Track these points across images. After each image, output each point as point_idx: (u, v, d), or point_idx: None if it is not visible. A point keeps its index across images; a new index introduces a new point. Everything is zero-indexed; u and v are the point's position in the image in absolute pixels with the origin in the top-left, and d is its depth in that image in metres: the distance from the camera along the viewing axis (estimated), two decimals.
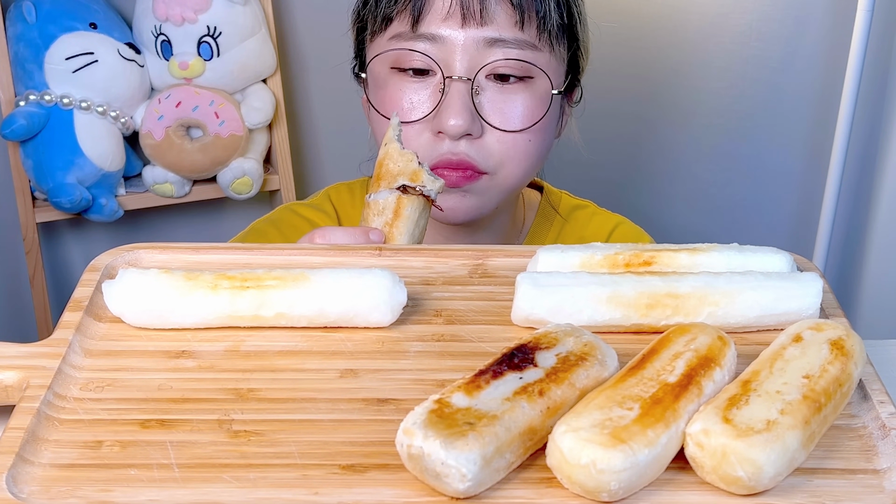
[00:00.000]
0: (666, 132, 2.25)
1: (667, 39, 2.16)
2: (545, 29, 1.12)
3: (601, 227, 1.31)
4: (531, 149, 1.15)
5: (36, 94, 1.96)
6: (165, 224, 2.25)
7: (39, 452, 0.69)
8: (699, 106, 2.20)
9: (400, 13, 1.12)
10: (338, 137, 2.27)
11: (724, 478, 0.66)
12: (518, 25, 1.11)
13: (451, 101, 1.10)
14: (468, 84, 1.10)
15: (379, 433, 0.71)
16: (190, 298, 0.81)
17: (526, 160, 1.15)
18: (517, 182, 1.17)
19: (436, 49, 1.11)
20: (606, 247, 0.89)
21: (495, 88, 1.12)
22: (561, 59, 1.16)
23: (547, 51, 1.13)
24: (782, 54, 2.11)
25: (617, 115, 2.21)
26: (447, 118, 1.10)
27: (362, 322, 0.83)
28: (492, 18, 1.10)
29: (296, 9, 2.20)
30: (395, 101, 1.14)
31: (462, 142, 1.12)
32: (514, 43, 1.11)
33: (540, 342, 0.73)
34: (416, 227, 1.03)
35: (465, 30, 1.10)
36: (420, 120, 1.13)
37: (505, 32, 1.11)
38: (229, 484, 0.66)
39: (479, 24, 1.10)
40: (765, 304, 0.82)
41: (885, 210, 2.06)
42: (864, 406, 0.76)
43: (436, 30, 1.11)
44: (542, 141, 1.16)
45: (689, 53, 2.16)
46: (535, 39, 1.12)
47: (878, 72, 2.03)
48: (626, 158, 2.28)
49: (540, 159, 1.18)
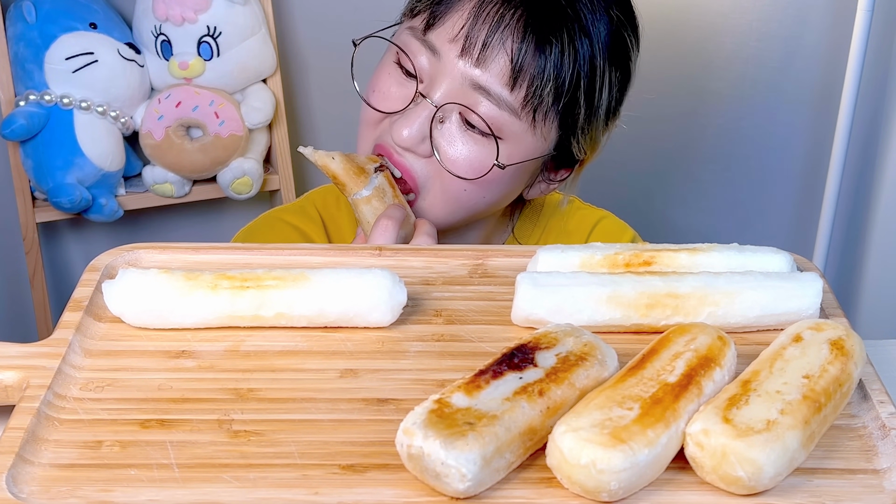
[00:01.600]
0: (665, 132, 2.25)
1: (667, 40, 2.16)
2: (531, 103, 1.09)
3: (584, 221, 1.31)
4: (463, 198, 1.13)
5: (36, 94, 1.96)
6: (165, 224, 2.25)
7: (39, 452, 0.69)
8: (699, 106, 2.20)
9: (422, 12, 1.13)
10: (338, 137, 2.27)
11: (724, 478, 0.66)
12: (509, 86, 1.08)
13: (412, 115, 1.11)
14: (433, 110, 1.10)
15: (379, 433, 0.71)
16: (190, 298, 0.81)
17: (454, 203, 1.14)
18: (440, 217, 1.14)
19: (432, 61, 1.11)
20: (606, 247, 0.89)
21: (458, 126, 1.11)
22: (541, 137, 1.12)
23: (527, 122, 1.10)
24: (782, 54, 2.11)
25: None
26: (400, 127, 1.11)
27: (362, 322, 0.83)
28: (487, 64, 1.08)
29: (296, 9, 2.19)
30: (378, 82, 1.15)
31: (407, 153, 1.12)
32: (495, 99, 1.09)
33: (540, 342, 0.73)
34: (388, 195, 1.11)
35: (459, 60, 1.09)
36: (385, 113, 1.13)
37: (493, 84, 1.08)
38: (229, 484, 0.66)
39: (474, 64, 1.09)
40: (765, 304, 0.82)
41: (885, 210, 2.06)
42: (864, 406, 0.76)
43: (439, 46, 1.10)
44: (479, 197, 1.14)
45: (689, 53, 2.16)
46: (517, 105, 1.09)
47: (878, 72, 2.03)
48: (625, 158, 2.28)
49: (469, 210, 1.15)
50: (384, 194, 1.10)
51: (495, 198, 1.16)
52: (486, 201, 1.16)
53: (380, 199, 1.09)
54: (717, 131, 2.21)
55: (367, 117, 1.16)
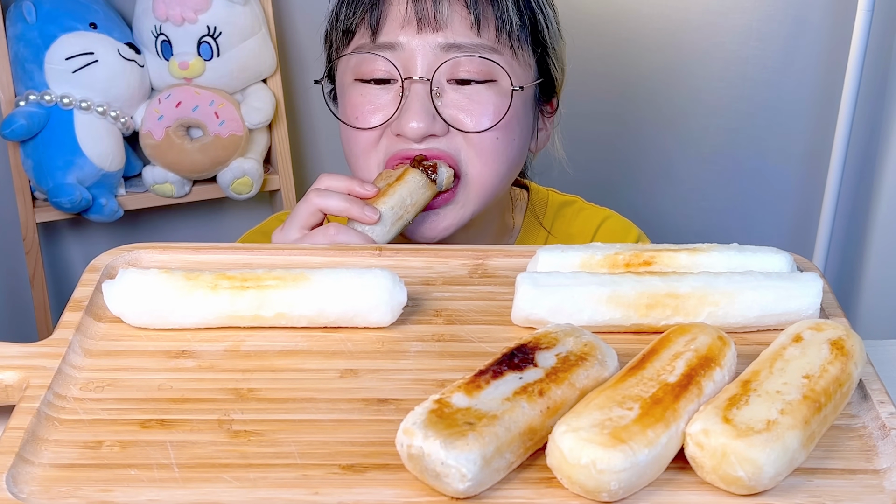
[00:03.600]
0: (666, 132, 2.25)
1: (667, 39, 2.16)
2: (503, 31, 1.11)
3: (589, 222, 1.31)
4: (499, 147, 1.13)
5: (36, 94, 1.96)
6: (165, 224, 2.25)
7: (39, 452, 0.69)
8: (699, 106, 2.20)
9: (359, 25, 1.14)
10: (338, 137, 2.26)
11: (724, 478, 0.66)
12: (474, 29, 1.10)
13: (410, 103, 1.10)
14: (427, 85, 1.10)
15: (379, 433, 0.71)
16: (190, 298, 0.81)
17: (495, 159, 1.14)
18: (489, 184, 1.15)
19: (395, 56, 1.11)
20: (606, 247, 0.89)
21: (456, 90, 1.12)
22: (525, 64, 1.15)
23: (508, 53, 1.12)
24: (782, 54, 2.11)
25: (616, 114, 2.21)
26: (407, 121, 1.10)
27: (362, 322, 0.83)
28: (447, 23, 1.10)
29: (296, 9, 2.19)
30: (356, 106, 1.14)
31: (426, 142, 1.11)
32: (470, 47, 1.10)
33: (540, 342, 0.73)
34: (410, 198, 1.07)
35: (421, 36, 1.10)
36: (381, 125, 1.12)
37: (461, 38, 1.10)
38: (229, 484, 0.66)
39: (435, 30, 1.10)
40: (765, 304, 0.82)
41: (885, 210, 2.06)
42: (864, 406, 0.76)
43: (394, 38, 1.11)
44: (510, 141, 1.14)
45: (688, 53, 2.16)
46: (493, 42, 1.11)
47: (878, 72, 2.03)
48: (626, 158, 2.28)
49: (510, 162, 1.16)
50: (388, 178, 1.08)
51: (520, 140, 1.17)
52: (516, 145, 1.16)
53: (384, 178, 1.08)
54: (717, 131, 2.21)
55: (362, 146, 1.15)
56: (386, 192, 1.06)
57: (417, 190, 1.08)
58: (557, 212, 1.31)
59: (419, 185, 1.08)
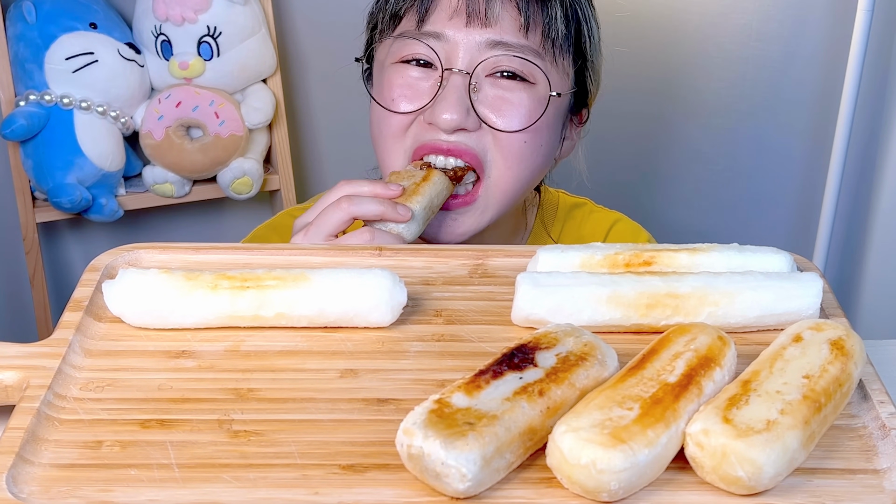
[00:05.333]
0: (666, 132, 2.25)
1: (667, 39, 2.16)
2: (549, 37, 1.12)
3: (599, 224, 1.31)
4: (526, 151, 1.13)
5: (36, 94, 1.96)
6: (165, 224, 2.25)
7: (39, 452, 0.69)
8: (699, 106, 2.20)
9: (408, 11, 1.14)
10: (338, 137, 2.27)
11: (724, 478, 0.66)
12: (522, 31, 1.11)
13: (447, 94, 1.10)
14: (466, 78, 1.10)
15: (379, 433, 0.71)
16: (190, 298, 0.81)
17: (519, 163, 1.14)
18: (510, 188, 1.15)
19: (438, 46, 1.12)
20: (606, 247, 0.89)
21: (494, 86, 1.12)
22: (564, 73, 1.16)
23: (549, 59, 1.13)
24: (782, 54, 2.11)
25: (617, 114, 2.20)
26: (441, 111, 1.10)
27: (362, 322, 0.83)
28: (496, 21, 1.10)
29: (296, 9, 2.19)
30: (393, 87, 1.14)
31: (456, 134, 1.12)
32: (516, 47, 1.11)
33: (540, 342, 0.73)
34: (437, 199, 1.08)
35: (468, 30, 1.11)
36: (414, 111, 1.13)
37: (508, 36, 1.11)
38: (229, 484, 0.66)
39: (483, 26, 1.10)
40: (765, 304, 0.82)
41: (885, 210, 2.06)
42: (864, 406, 0.76)
43: (441, 28, 1.11)
44: (538, 146, 1.15)
45: (689, 53, 2.16)
46: (538, 46, 1.12)
47: (878, 72, 2.03)
48: (625, 158, 2.28)
49: (534, 168, 1.16)
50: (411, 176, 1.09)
51: (548, 147, 1.17)
52: (542, 152, 1.16)
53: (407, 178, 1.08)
54: (717, 131, 2.21)
55: (393, 129, 1.14)
56: (416, 191, 1.07)
57: (442, 192, 1.09)
58: (568, 213, 1.32)
59: (444, 186, 1.10)
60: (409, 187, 1.07)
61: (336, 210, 1.02)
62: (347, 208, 1.02)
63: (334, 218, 1.02)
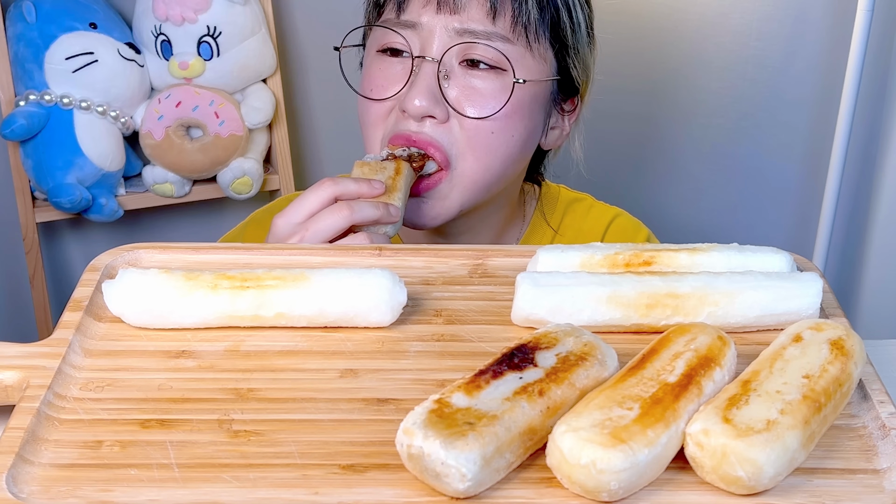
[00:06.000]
0: (666, 132, 2.25)
1: (667, 39, 2.16)
2: (519, 22, 1.12)
3: (599, 220, 1.31)
4: (494, 141, 1.13)
5: (36, 94, 1.96)
6: (165, 224, 2.25)
7: (39, 452, 0.69)
8: (699, 106, 2.20)
9: (388, 2, 1.16)
10: (338, 137, 2.27)
11: (724, 478, 0.66)
12: (490, 17, 1.11)
13: (417, 81, 1.12)
14: (435, 65, 1.12)
15: (379, 433, 0.71)
16: (190, 298, 0.81)
17: (487, 153, 1.14)
18: (480, 177, 1.15)
19: (414, 35, 1.13)
20: (606, 247, 0.89)
21: (464, 74, 1.13)
22: (541, 58, 1.15)
23: (521, 44, 1.13)
24: (782, 54, 2.11)
25: (617, 114, 2.21)
26: (411, 98, 1.11)
27: (362, 322, 0.83)
28: (463, 8, 1.11)
29: (296, 9, 2.19)
30: (371, 77, 1.16)
31: (426, 123, 1.13)
32: (482, 34, 1.11)
33: (540, 342, 0.73)
34: (408, 187, 1.10)
35: (438, 16, 1.12)
36: (390, 98, 1.15)
37: (474, 24, 1.11)
38: (229, 484, 0.66)
39: (452, 13, 1.12)
40: (765, 304, 0.82)
41: (885, 210, 2.06)
42: (864, 406, 0.76)
43: (416, 17, 1.13)
44: (508, 136, 1.14)
45: (689, 53, 2.16)
46: (507, 32, 1.12)
47: (878, 72, 2.03)
48: (626, 158, 2.28)
49: (506, 157, 1.16)
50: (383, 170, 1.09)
51: (522, 136, 1.16)
52: (514, 141, 1.15)
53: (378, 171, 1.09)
54: (717, 131, 2.21)
55: (372, 117, 1.17)
56: (394, 186, 1.08)
57: (411, 181, 1.11)
58: (567, 207, 1.32)
59: (412, 175, 1.11)
60: (387, 182, 1.08)
61: (334, 216, 1.02)
62: (350, 216, 1.02)
63: (333, 224, 1.02)
